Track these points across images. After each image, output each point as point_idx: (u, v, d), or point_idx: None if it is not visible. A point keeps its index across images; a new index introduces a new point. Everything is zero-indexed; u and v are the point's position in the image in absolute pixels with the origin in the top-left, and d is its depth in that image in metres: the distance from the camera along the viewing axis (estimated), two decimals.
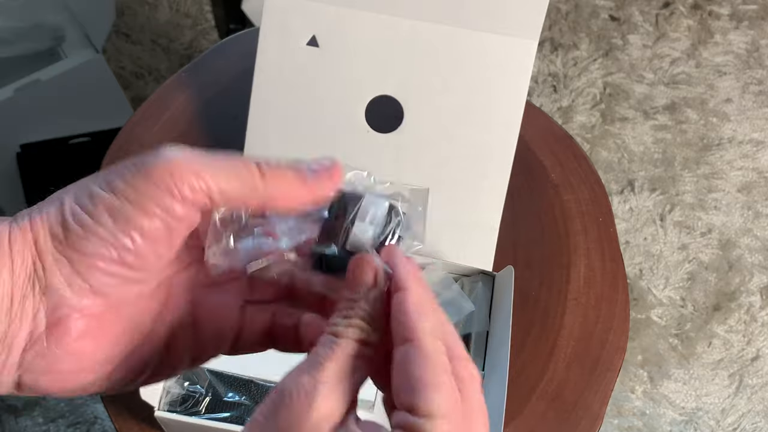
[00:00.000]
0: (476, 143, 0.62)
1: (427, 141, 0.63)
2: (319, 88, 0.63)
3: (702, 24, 1.74)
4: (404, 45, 0.62)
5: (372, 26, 0.62)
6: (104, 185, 0.27)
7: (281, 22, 0.63)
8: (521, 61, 0.61)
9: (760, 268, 1.42)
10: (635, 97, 1.62)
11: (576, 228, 0.71)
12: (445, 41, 0.61)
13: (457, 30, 0.61)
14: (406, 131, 0.63)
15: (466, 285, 0.62)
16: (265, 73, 0.64)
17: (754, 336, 1.35)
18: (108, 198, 0.27)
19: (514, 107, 0.62)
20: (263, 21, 0.63)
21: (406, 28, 0.61)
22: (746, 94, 1.64)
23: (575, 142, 0.77)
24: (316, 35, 0.63)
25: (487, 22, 0.61)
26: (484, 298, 0.60)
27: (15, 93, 1.20)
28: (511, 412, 0.60)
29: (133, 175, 0.27)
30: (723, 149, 1.56)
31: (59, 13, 1.25)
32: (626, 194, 1.49)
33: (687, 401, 1.28)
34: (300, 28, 0.63)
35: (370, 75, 0.62)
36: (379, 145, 0.63)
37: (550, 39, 1.66)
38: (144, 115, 0.76)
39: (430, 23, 0.61)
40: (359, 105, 0.63)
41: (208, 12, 1.66)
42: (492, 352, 0.57)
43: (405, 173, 0.63)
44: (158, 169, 0.27)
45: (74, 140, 1.25)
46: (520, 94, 0.62)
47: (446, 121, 0.62)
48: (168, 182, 0.26)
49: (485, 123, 0.62)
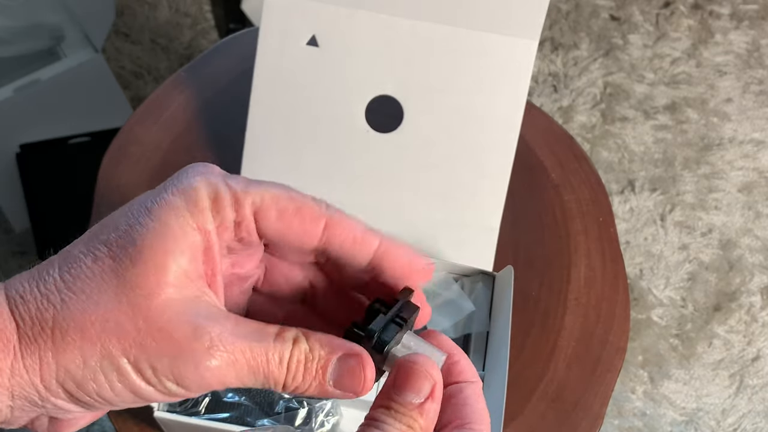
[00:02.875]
0: (476, 143, 0.62)
1: (427, 141, 0.63)
2: (319, 87, 0.63)
3: (702, 24, 1.74)
4: (404, 45, 0.62)
5: (372, 26, 0.62)
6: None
7: (281, 22, 0.63)
8: (521, 61, 0.61)
9: (761, 268, 1.42)
10: (636, 97, 1.62)
11: (576, 228, 0.70)
12: (445, 41, 0.61)
13: (457, 30, 0.61)
14: (406, 131, 0.63)
15: (467, 285, 0.61)
16: (264, 73, 0.63)
17: (754, 336, 1.35)
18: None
19: (514, 107, 0.62)
20: (262, 21, 0.63)
21: (406, 27, 0.61)
22: (747, 93, 1.64)
23: (575, 142, 0.77)
24: (315, 35, 0.63)
25: (487, 22, 0.61)
26: (485, 298, 0.60)
27: (14, 93, 1.20)
28: (511, 413, 0.60)
29: None
30: (723, 149, 1.56)
31: (58, 12, 1.25)
32: (627, 194, 1.49)
33: (687, 401, 1.28)
34: (299, 27, 0.63)
35: (370, 75, 0.62)
36: (379, 145, 0.63)
37: (551, 38, 1.66)
38: (143, 115, 0.76)
39: (430, 23, 0.61)
40: (359, 105, 0.63)
41: (208, 12, 1.66)
42: (492, 352, 0.57)
43: (405, 173, 0.63)
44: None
45: (74, 140, 1.25)
46: (521, 94, 0.62)
47: (446, 121, 0.62)
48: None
49: (485, 123, 0.62)
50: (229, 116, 0.72)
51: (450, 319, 0.59)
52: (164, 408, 0.52)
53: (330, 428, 0.51)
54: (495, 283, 0.61)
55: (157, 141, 0.74)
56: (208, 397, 0.53)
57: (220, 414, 0.52)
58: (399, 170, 0.63)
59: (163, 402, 0.26)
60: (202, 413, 0.52)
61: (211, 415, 0.52)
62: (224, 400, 0.53)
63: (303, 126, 0.64)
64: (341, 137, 0.63)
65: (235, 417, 0.52)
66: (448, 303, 0.60)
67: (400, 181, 0.63)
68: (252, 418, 0.52)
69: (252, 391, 0.53)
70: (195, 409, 0.52)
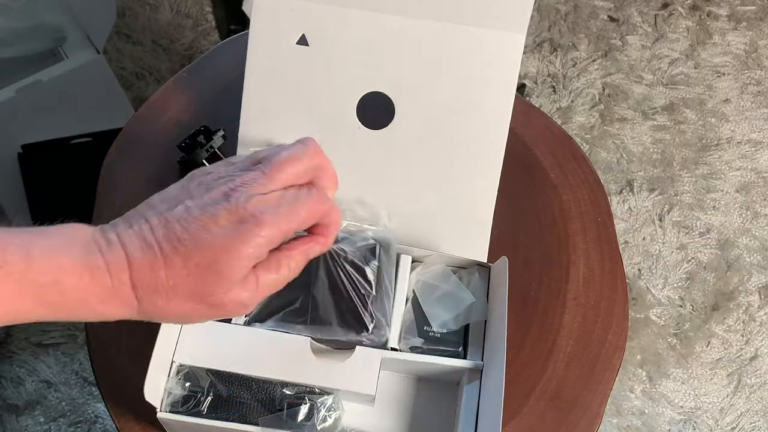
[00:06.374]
0: (467, 137, 0.63)
1: (418, 136, 0.63)
2: (310, 86, 0.63)
3: (700, 25, 1.75)
4: (393, 41, 0.62)
5: (360, 23, 0.62)
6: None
7: (270, 22, 0.63)
8: (510, 55, 0.62)
9: (759, 267, 1.42)
10: (634, 98, 1.62)
11: (575, 228, 0.71)
12: (433, 37, 0.62)
13: (445, 25, 0.62)
14: (398, 127, 0.63)
15: (464, 277, 0.62)
16: (255, 73, 0.64)
17: (752, 335, 1.35)
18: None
19: (503, 101, 0.62)
20: (252, 22, 0.63)
21: (395, 24, 0.62)
22: (745, 94, 1.65)
23: (574, 143, 0.77)
24: (305, 34, 0.63)
25: (475, 17, 0.61)
26: (482, 289, 0.60)
27: (16, 93, 1.21)
28: (510, 412, 0.60)
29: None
30: (721, 149, 1.57)
31: (60, 13, 1.25)
32: (625, 194, 1.49)
33: (686, 400, 1.29)
34: (289, 27, 0.63)
35: (360, 72, 0.63)
36: (371, 142, 0.63)
37: (549, 40, 1.67)
38: (145, 116, 0.77)
39: (419, 19, 0.62)
40: (351, 102, 0.63)
41: (209, 13, 1.66)
42: (490, 342, 0.57)
43: (397, 169, 0.63)
44: None
45: (75, 140, 1.26)
46: (510, 88, 0.62)
47: (437, 116, 0.63)
48: None
49: (475, 117, 0.63)
50: (231, 117, 0.73)
51: (450, 312, 0.59)
52: (167, 409, 0.53)
53: (332, 423, 0.52)
54: (491, 274, 0.61)
55: (159, 142, 0.74)
56: (210, 396, 0.53)
57: (223, 413, 0.53)
58: (391, 166, 0.64)
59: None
60: (205, 413, 0.53)
61: (214, 413, 0.53)
62: (226, 399, 0.53)
63: (295, 124, 0.64)
64: (333, 135, 0.64)
65: (238, 415, 0.53)
66: (447, 295, 0.60)
67: (393, 176, 0.63)
68: (255, 415, 0.53)
69: (254, 389, 0.54)
70: (197, 408, 0.53)
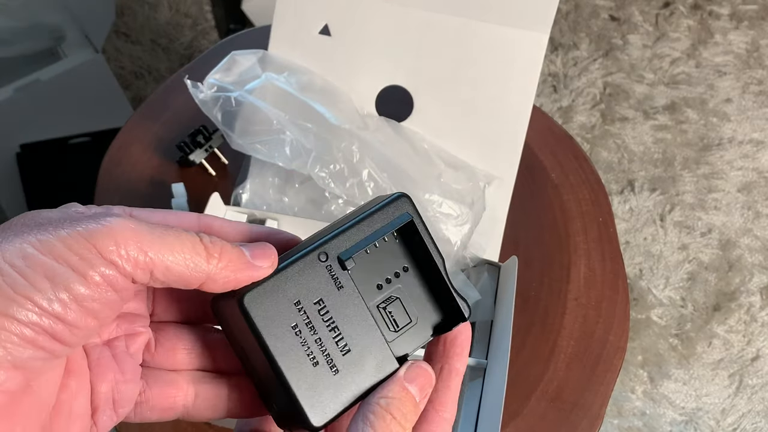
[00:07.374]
0: (485, 135, 0.63)
1: (436, 131, 0.63)
2: (331, 76, 0.63)
3: (702, 24, 1.74)
4: (416, 35, 0.62)
5: (384, 16, 0.62)
6: (40, 246, 0.24)
7: (294, 11, 0.63)
8: (532, 54, 0.62)
9: (760, 268, 1.42)
10: (635, 97, 1.62)
11: (576, 228, 0.71)
12: (456, 33, 0.62)
13: (469, 21, 0.61)
14: (416, 122, 0.63)
15: (473, 275, 0.62)
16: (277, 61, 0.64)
17: (754, 336, 1.35)
18: (47, 261, 0.24)
19: (523, 100, 0.62)
20: (276, 9, 0.63)
21: (418, 18, 0.62)
22: (746, 94, 1.64)
23: (575, 142, 0.77)
24: (328, 24, 0.63)
25: (499, 15, 0.61)
26: (490, 288, 0.60)
27: (14, 93, 1.20)
28: (510, 412, 0.60)
29: (75, 239, 0.24)
30: (723, 149, 1.56)
31: (59, 13, 1.25)
32: (626, 194, 1.49)
33: (687, 401, 1.28)
34: (312, 16, 0.63)
35: (381, 64, 0.63)
36: (388, 134, 0.63)
37: (550, 39, 1.66)
38: (144, 115, 0.76)
39: (442, 14, 0.61)
40: (370, 94, 0.63)
41: (208, 12, 1.66)
42: (495, 340, 0.57)
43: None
44: (103, 237, 0.24)
45: (74, 140, 1.25)
46: (530, 87, 0.62)
47: (455, 113, 0.63)
48: (112, 253, 0.24)
49: (494, 115, 0.63)
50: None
51: None
52: None
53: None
54: (500, 273, 0.61)
55: (158, 142, 0.74)
56: None
57: None
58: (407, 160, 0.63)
59: None
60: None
61: None
62: None
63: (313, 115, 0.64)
64: (350, 126, 0.63)
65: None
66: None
67: (408, 170, 0.63)
68: None
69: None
70: None
